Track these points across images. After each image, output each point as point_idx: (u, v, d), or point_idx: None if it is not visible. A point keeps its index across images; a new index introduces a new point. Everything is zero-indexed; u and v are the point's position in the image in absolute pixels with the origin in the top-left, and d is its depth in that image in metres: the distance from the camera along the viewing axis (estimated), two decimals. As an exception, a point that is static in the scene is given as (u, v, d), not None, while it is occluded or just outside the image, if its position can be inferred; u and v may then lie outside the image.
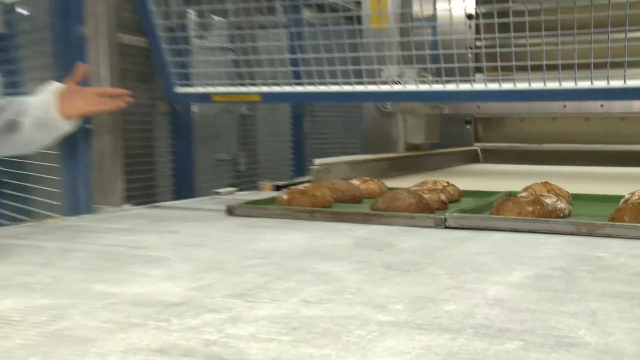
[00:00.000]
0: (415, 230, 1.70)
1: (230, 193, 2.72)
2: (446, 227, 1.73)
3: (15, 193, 3.66)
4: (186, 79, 3.14)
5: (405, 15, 3.37)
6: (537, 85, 2.56)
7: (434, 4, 3.36)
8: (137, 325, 0.84)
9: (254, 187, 3.06)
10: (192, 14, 3.68)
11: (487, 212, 1.89)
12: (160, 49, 2.99)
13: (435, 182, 2.25)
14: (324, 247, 1.47)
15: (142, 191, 3.35)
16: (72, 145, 2.89)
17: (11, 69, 3.39)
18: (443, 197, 2.06)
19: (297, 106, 4.88)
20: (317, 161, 2.91)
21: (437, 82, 2.80)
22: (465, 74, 2.78)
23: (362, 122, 4.19)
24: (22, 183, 3.55)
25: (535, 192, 2.00)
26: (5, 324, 0.86)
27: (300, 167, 4.85)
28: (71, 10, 2.80)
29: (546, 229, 1.63)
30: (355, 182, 2.35)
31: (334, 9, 4.14)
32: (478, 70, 3.35)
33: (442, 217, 1.76)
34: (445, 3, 2.97)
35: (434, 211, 1.88)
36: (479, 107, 4.08)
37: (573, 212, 1.92)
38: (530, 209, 1.74)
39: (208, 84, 3.11)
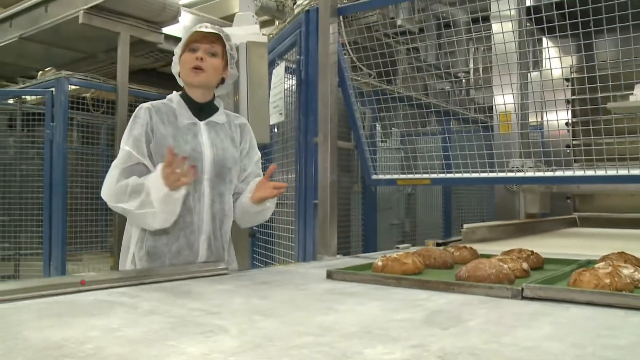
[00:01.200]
0: (492, 301, 1.35)
1: (406, 247, 2.71)
2: (523, 298, 1.38)
3: (264, 244, 3.95)
4: (375, 169, 3.36)
5: (524, 124, 3.51)
6: (613, 172, 2.61)
7: (542, 117, 3.58)
8: None
9: (416, 244, 3.08)
10: (378, 128, 4.09)
11: (565, 281, 1.54)
12: (363, 150, 3.26)
13: (520, 251, 1.90)
14: (390, 322, 1.13)
15: (343, 245, 3.60)
16: (305, 213, 3.16)
17: (267, 164, 3.78)
18: (525, 265, 1.74)
19: (447, 186, 5.12)
20: (465, 225, 3.09)
21: (547, 170, 2.92)
22: (566, 165, 2.93)
23: (494, 198, 4.35)
24: (269, 238, 3.85)
25: (612, 262, 1.59)
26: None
27: (448, 229, 5.06)
28: (309, 127, 3.12)
29: (624, 304, 1.25)
30: (450, 249, 2.03)
31: (474, 121, 4.45)
32: (575, 161, 3.45)
33: (519, 288, 1.43)
34: (551, 114, 3.19)
35: (513, 280, 1.57)
36: (578, 187, 4.15)
37: None
38: (607, 281, 1.39)
39: (394, 172, 3.39)
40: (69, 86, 4.71)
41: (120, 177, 1.98)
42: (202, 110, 2.16)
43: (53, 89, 4.59)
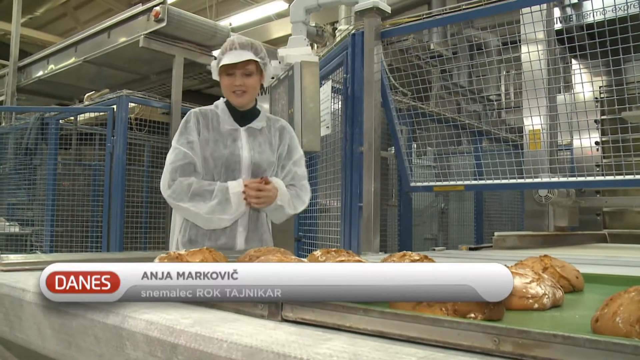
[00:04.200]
0: (241, 321, 1.01)
1: (442, 249, 3.07)
2: (283, 320, 1.01)
3: (309, 248, 4.12)
4: (413, 177, 3.69)
5: (553, 143, 3.72)
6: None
7: (572, 135, 3.82)
8: None
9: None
10: (413, 146, 4.39)
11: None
12: (403, 160, 3.59)
13: (404, 255, 1.32)
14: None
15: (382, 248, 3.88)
16: (350, 215, 3.43)
17: (312, 174, 4.01)
18: None
19: (479, 202, 5.38)
20: (496, 233, 3.38)
21: (573, 175, 3.19)
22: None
23: (524, 214, 4.56)
24: (314, 241, 4.06)
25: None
26: None
27: (479, 238, 5.30)
28: (355, 137, 3.44)
29: (430, 338, 0.82)
30: (317, 252, 1.49)
31: (505, 140, 4.73)
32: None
33: (279, 303, 1.03)
34: (579, 133, 3.43)
35: None
36: (606, 202, 4.35)
37: (566, 301, 1.16)
38: None
39: (430, 180, 3.69)
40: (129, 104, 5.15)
41: (175, 175, 2.26)
42: (243, 117, 2.40)
43: (114, 106, 5.03)
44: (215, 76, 2.41)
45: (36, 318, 1.22)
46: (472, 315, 0.94)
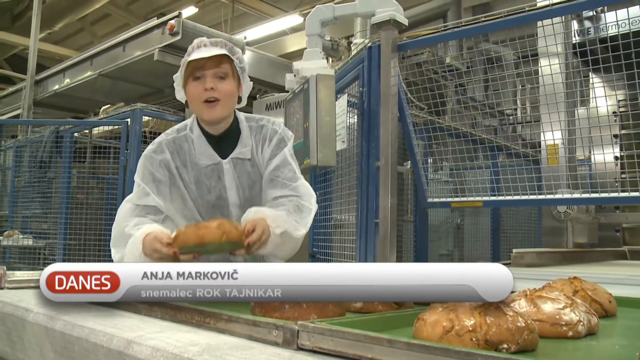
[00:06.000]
0: (246, 348, 0.92)
1: None
2: (299, 348, 0.92)
3: (323, 257, 4.05)
4: (429, 193, 3.60)
5: (571, 157, 3.64)
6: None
7: (590, 150, 3.73)
8: None
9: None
10: (429, 161, 4.30)
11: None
12: (420, 175, 3.51)
13: None
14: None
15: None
16: (366, 232, 3.34)
17: (327, 189, 4.02)
18: None
19: (495, 218, 5.27)
20: (515, 250, 3.29)
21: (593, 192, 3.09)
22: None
23: (541, 230, 4.47)
24: (328, 258, 4.01)
25: (530, 292, 1.07)
26: None
27: (496, 255, 5.19)
28: (371, 152, 3.34)
29: None
30: None
31: (521, 155, 4.64)
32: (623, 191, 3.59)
33: (295, 328, 0.94)
34: (598, 148, 3.34)
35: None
36: (626, 218, 4.25)
37: (601, 327, 1.07)
38: (469, 322, 0.86)
39: (447, 196, 3.61)
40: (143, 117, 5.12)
41: (132, 215, 1.77)
42: (223, 141, 1.91)
43: (129, 119, 5.01)
44: (179, 94, 1.92)
45: (38, 339, 1.16)
46: (505, 346, 0.88)
